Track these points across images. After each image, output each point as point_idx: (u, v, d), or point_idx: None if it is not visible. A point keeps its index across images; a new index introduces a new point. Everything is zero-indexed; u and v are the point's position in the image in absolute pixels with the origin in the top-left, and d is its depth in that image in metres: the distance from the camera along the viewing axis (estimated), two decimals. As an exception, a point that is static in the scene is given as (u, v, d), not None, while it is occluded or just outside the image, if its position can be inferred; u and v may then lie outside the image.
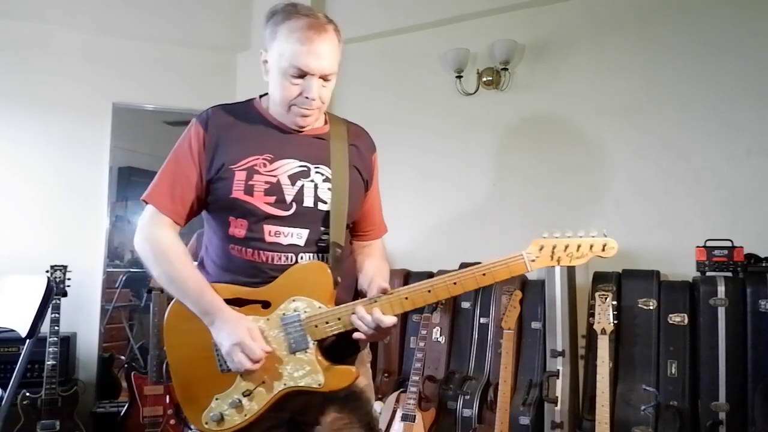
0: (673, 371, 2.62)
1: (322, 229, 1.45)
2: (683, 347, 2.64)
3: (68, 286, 3.34)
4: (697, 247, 2.70)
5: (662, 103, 3.09)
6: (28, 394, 3.10)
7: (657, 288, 2.74)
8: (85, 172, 3.85)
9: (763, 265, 2.64)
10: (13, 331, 1.99)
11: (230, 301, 1.39)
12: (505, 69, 3.41)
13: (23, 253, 3.57)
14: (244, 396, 1.38)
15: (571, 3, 3.35)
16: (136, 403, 3.38)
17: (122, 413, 3.40)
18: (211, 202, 1.46)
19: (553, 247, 1.35)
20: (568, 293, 2.86)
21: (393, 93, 3.84)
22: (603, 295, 2.54)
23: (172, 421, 3.40)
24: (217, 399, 1.39)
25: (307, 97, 1.41)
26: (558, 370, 2.79)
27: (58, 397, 3.16)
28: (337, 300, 1.42)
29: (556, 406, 2.74)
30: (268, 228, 1.41)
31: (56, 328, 3.17)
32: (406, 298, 1.36)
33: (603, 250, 1.35)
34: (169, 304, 1.48)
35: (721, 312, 2.56)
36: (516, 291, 2.88)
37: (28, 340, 1.98)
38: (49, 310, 3.05)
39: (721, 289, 2.57)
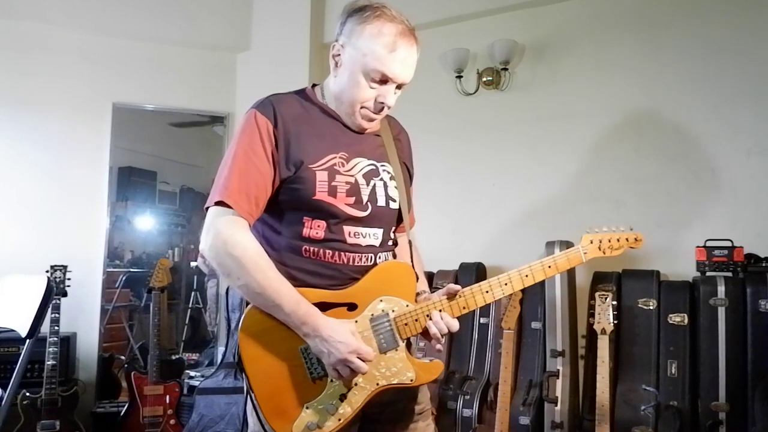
0: (673, 371, 2.62)
1: (393, 227, 1.49)
2: (683, 347, 2.64)
3: (68, 286, 3.34)
4: (697, 247, 2.70)
5: (662, 103, 3.08)
6: (28, 394, 3.10)
7: (657, 288, 2.74)
8: (85, 172, 3.85)
9: (763, 265, 2.64)
10: (13, 331, 1.98)
11: (315, 306, 1.34)
12: (505, 69, 3.41)
13: (23, 253, 3.57)
14: (340, 400, 1.35)
15: (571, 3, 3.35)
16: (136, 403, 3.38)
17: (122, 413, 3.40)
18: (282, 201, 1.37)
19: (600, 241, 1.52)
20: (568, 293, 2.86)
21: (393, 93, 3.84)
22: (603, 295, 2.54)
23: (172, 421, 3.40)
24: (307, 408, 1.34)
25: (382, 103, 1.40)
26: (558, 370, 2.79)
27: (58, 397, 3.16)
28: None
29: (556, 406, 2.74)
30: (347, 229, 1.39)
31: (56, 328, 3.17)
32: (487, 291, 1.44)
33: (636, 241, 1.54)
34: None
35: (721, 312, 2.56)
36: (516, 291, 2.87)
37: (28, 340, 1.97)
38: (49, 310, 3.05)
39: (721, 289, 2.57)
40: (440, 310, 1.40)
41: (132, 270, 4.05)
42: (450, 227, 3.56)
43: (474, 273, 3.26)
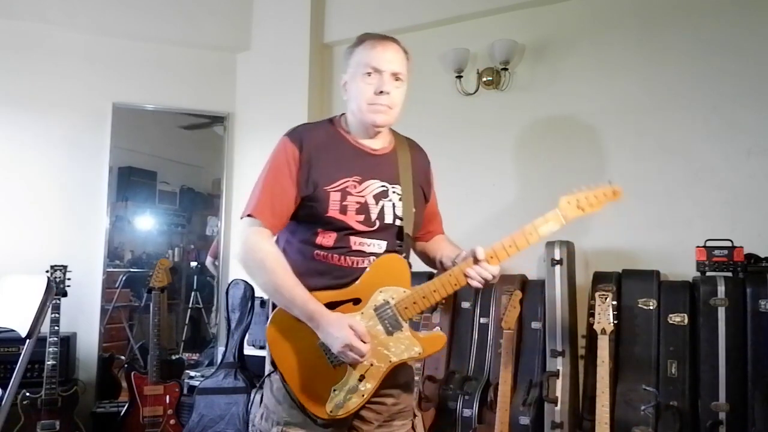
0: (673, 371, 2.62)
1: (397, 241, 1.67)
2: (683, 347, 2.64)
3: (68, 286, 3.34)
4: (697, 247, 2.70)
5: (662, 103, 3.08)
6: (28, 394, 3.10)
7: (657, 288, 2.74)
8: (85, 172, 3.86)
9: (763, 265, 2.64)
10: (13, 331, 1.99)
11: (325, 306, 1.56)
12: (505, 69, 3.41)
13: (23, 253, 3.57)
14: (360, 380, 1.57)
15: (571, 3, 3.35)
16: (136, 403, 3.39)
17: (122, 413, 3.40)
18: (302, 215, 1.62)
19: (577, 200, 1.63)
20: (568, 293, 2.86)
21: (393, 93, 3.84)
22: (603, 295, 2.54)
23: (172, 421, 3.40)
24: (335, 390, 1.57)
25: (382, 91, 1.60)
26: (558, 370, 2.79)
27: (58, 397, 3.16)
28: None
29: (556, 406, 2.74)
30: (354, 239, 1.61)
31: (56, 328, 3.17)
32: (491, 257, 1.61)
33: (614, 194, 1.65)
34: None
35: (721, 312, 2.56)
36: (516, 291, 2.87)
37: (28, 340, 1.98)
38: (49, 310, 3.05)
39: (721, 289, 2.57)
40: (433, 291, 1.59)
41: (132, 270, 4.04)
42: (449, 227, 3.55)
43: (474, 273, 3.25)
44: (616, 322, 2.54)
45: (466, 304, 3.21)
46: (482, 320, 3.15)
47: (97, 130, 3.88)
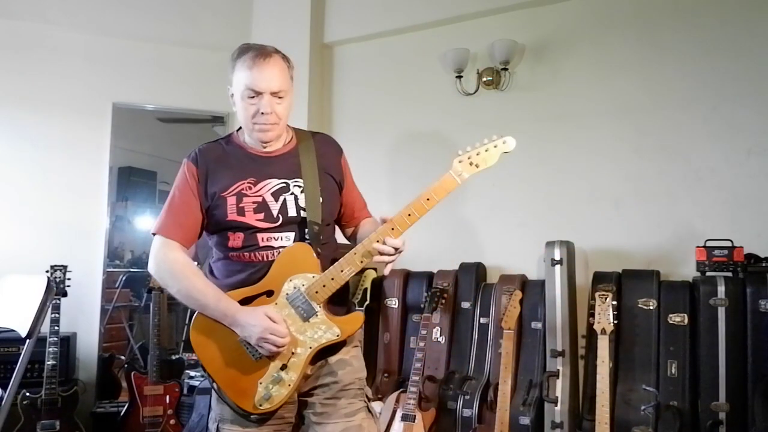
0: (673, 371, 2.63)
1: (306, 230, 1.71)
2: (683, 347, 2.64)
3: (68, 286, 3.34)
4: (697, 247, 2.70)
5: (662, 103, 3.08)
6: (28, 394, 3.10)
7: (657, 288, 2.74)
8: (85, 172, 3.85)
9: (763, 265, 2.64)
10: (13, 331, 1.99)
11: (239, 302, 1.63)
12: (505, 69, 3.41)
13: (23, 253, 3.57)
14: (282, 370, 1.62)
15: (571, 3, 3.35)
16: (136, 403, 3.38)
17: (122, 413, 3.40)
18: (210, 224, 1.72)
19: (469, 158, 1.66)
20: (568, 293, 2.86)
21: (393, 93, 3.84)
22: (603, 295, 2.54)
23: (172, 421, 3.40)
24: (261, 383, 1.62)
25: (263, 113, 1.66)
26: (558, 370, 2.79)
27: (58, 397, 3.16)
28: (323, 269, 1.66)
29: (556, 406, 2.75)
30: (260, 236, 1.68)
31: (56, 328, 3.17)
32: (392, 229, 1.62)
33: (504, 144, 1.68)
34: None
35: (721, 312, 2.56)
36: (516, 291, 2.88)
37: (28, 340, 1.98)
38: (49, 310, 3.05)
39: (721, 289, 2.57)
40: (340, 272, 1.62)
41: (132, 270, 4.05)
42: (450, 227, 3.56)
43: (474, 273, 3.26)
44: (616, 322, 2.54)
45: (466, 304, 3.21)
46: (482, 320, 3.15)
47: (97, 130, 3.87)
